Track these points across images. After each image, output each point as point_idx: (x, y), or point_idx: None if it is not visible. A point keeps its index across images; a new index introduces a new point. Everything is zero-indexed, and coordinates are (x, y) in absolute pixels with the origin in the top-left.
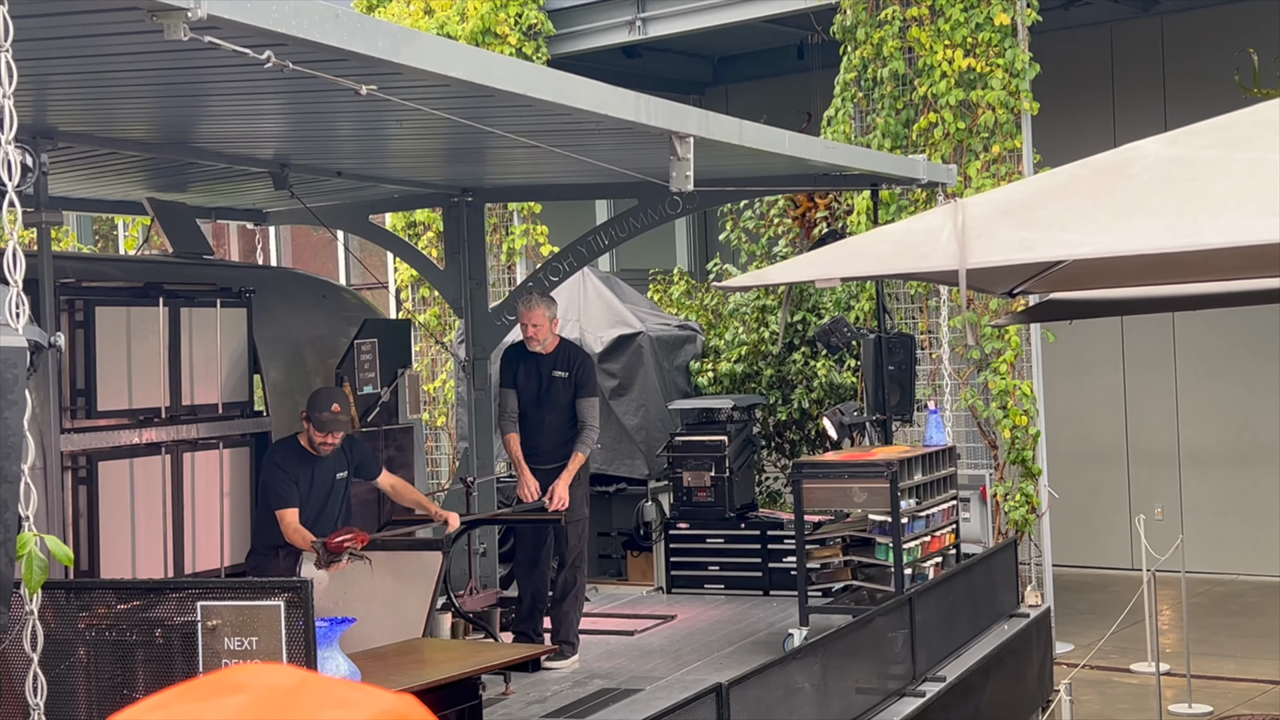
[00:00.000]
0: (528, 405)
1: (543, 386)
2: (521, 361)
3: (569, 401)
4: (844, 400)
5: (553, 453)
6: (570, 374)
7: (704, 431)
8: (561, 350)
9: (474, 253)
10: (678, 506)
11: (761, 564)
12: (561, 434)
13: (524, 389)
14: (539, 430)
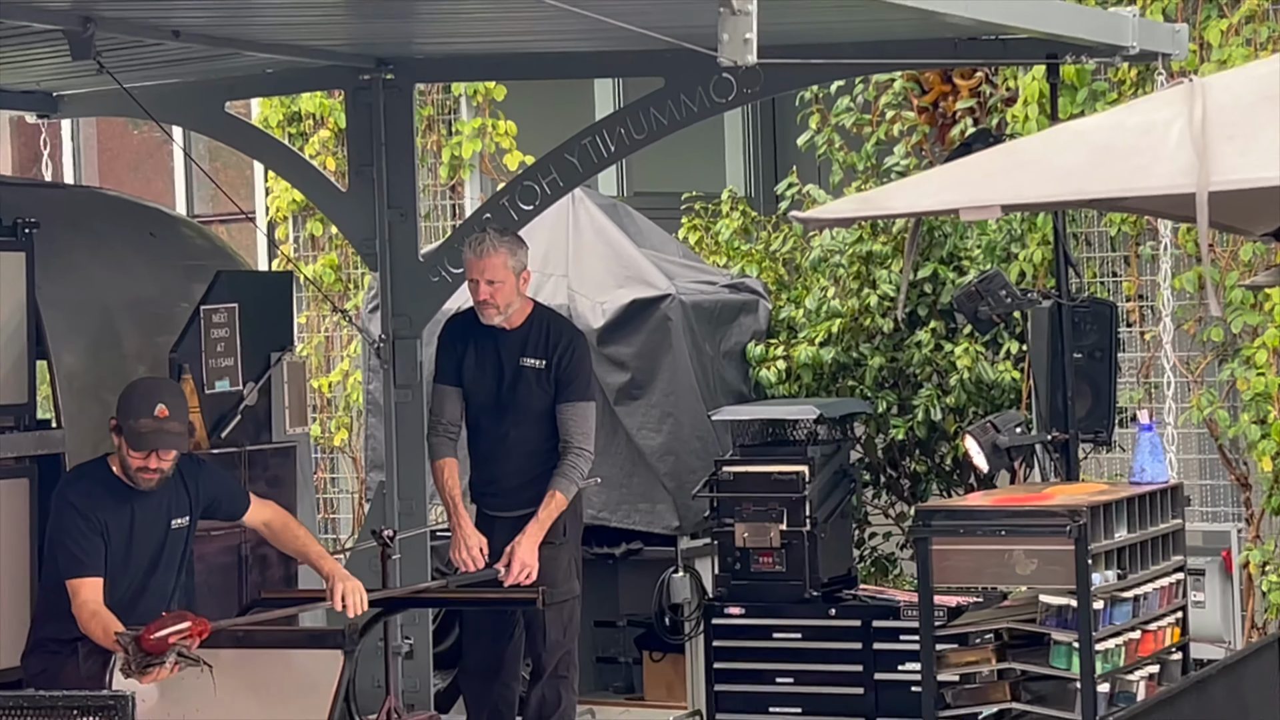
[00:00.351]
0: (480, 412)
1: (504, 382)
2: (472, 341)
3: (547, 407)
4: (1000, 409)
5: (519, 490)
6: (549, 362)
7: (770, 458)
8: (535, 324)
9: (396, 165)
10: (726, 580)
11: (864, 674)
12: (533, 460)
13: (474, 386)
14: (498, 453)
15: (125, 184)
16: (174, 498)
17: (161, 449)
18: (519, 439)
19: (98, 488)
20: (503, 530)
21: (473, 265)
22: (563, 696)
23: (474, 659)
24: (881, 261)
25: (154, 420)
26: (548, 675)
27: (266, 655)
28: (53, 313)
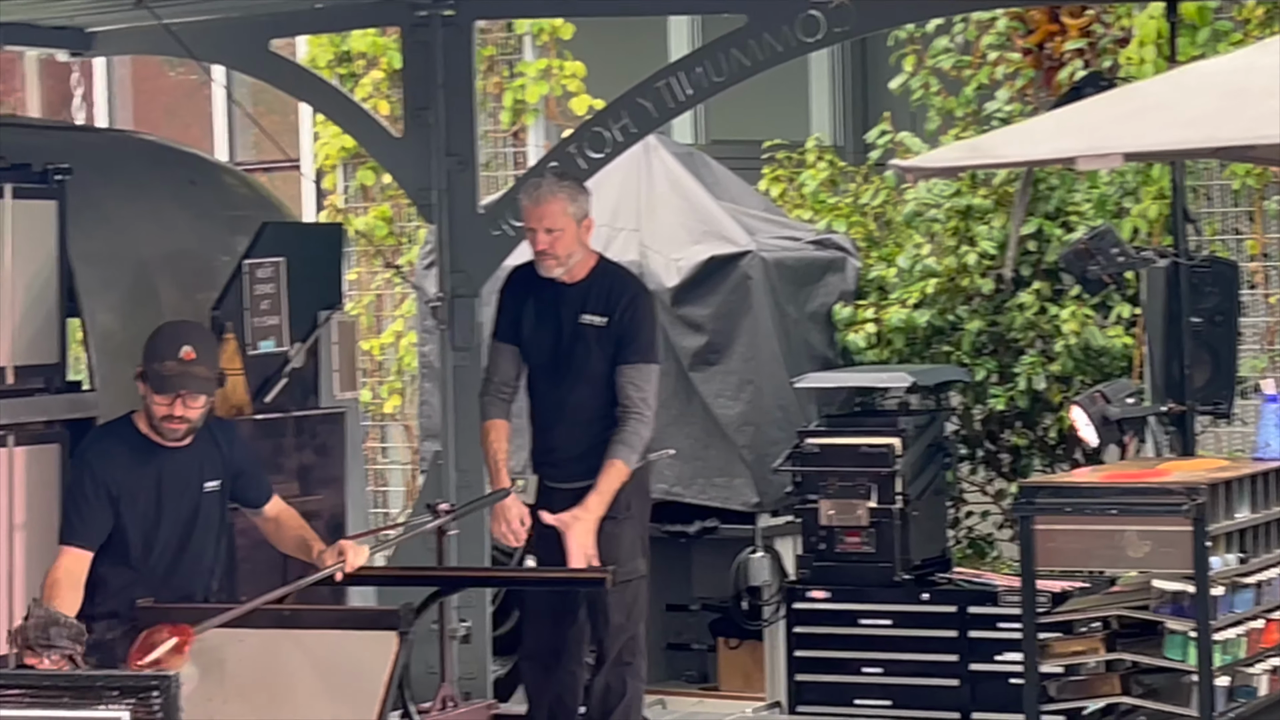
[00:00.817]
0: (538, 374)
1: (563, 340)
2: (532, 296)
3: (607, 369)
4: (1109, 377)
5: (578, 460)
6: (612, 319)
7: (859, 430)
8: (598, 278)
9: (454, 110)
10: (809, 562)
11: (959, 664)
12: (593, 427)
13: (532, 344)
14: (556, 419)
15: (161, 128)
16: (206, 458)
17: (187, 392)
18: (577, 403)
19: (119, 447)
20: (561, 503)
21: (530, 213)
22: (628, 685)
23: (534, 643)
24: (982, 216)
25: (179, 363)
26: (611, 662)
27: (315, 636)
28: (85, 267)
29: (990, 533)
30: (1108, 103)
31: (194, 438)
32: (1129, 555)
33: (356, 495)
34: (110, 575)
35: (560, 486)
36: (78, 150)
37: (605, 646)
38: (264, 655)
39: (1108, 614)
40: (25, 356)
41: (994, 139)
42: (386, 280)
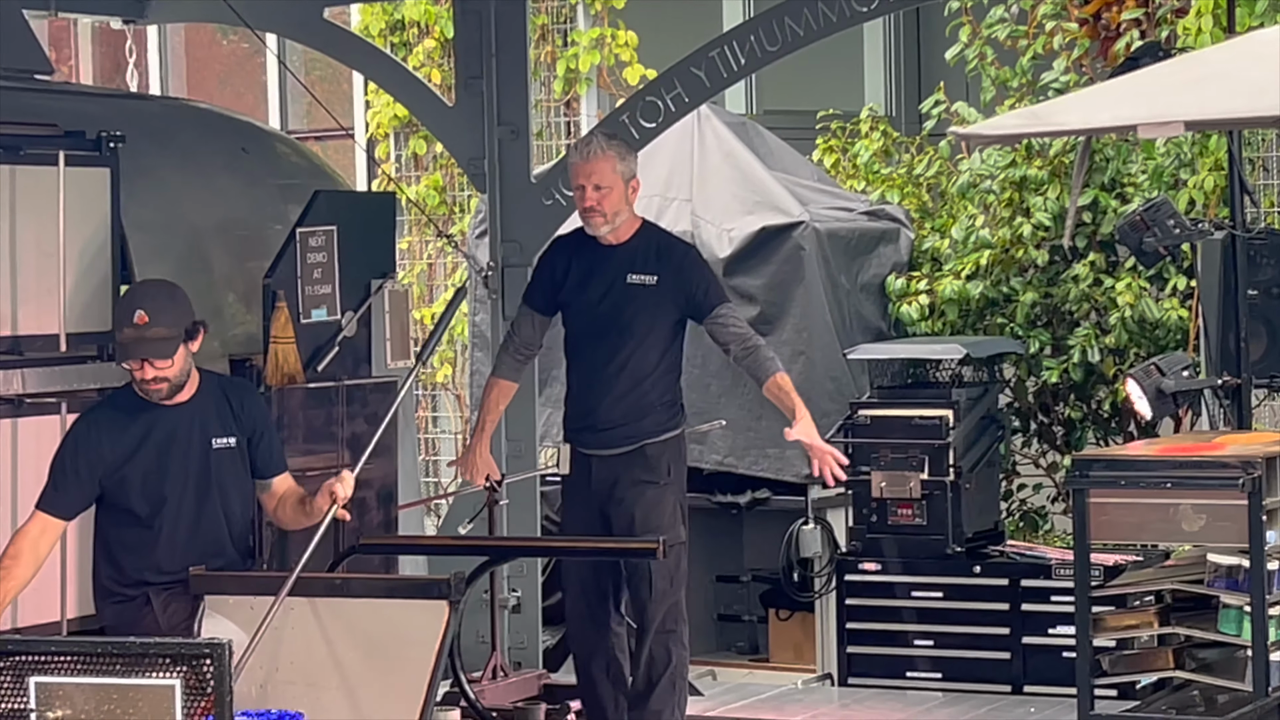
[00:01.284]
0: (582, 336)
1: (610, 300)
2: (574, 260)
3: (656, 328)
4: (1165, 350)
5: (623, 424)
6: (663, 277)
7: (911, 401)
8: (644, 239)
9: (506, 79)
10: (861, 534)
11: (1011, 638)
12: (640, 390)
13: (577, 306)
14: (600, 379)
15: (215, 97)
16: (213, 414)
17: (148, 360)
18: (625, 362)
19: (112, 413)
20: (601, 469)
21: (579, 170)
22: (672, 653)
23: (579, 610)
24: (1037, 187)
25: (134, 328)
26: (655, 630)
27: (366, 605)
28: (138, 234)
29: (1043, 506)
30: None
31: (197, 394)
32: (1183, 529)
33: (408, 465)
34: (130, 539)
35: (601, 453)
36: (131, 118)
37: (648, 614)
38: (314, 624)
39: (1161, 588)
40: (78, 324)
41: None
42: (438, 249)
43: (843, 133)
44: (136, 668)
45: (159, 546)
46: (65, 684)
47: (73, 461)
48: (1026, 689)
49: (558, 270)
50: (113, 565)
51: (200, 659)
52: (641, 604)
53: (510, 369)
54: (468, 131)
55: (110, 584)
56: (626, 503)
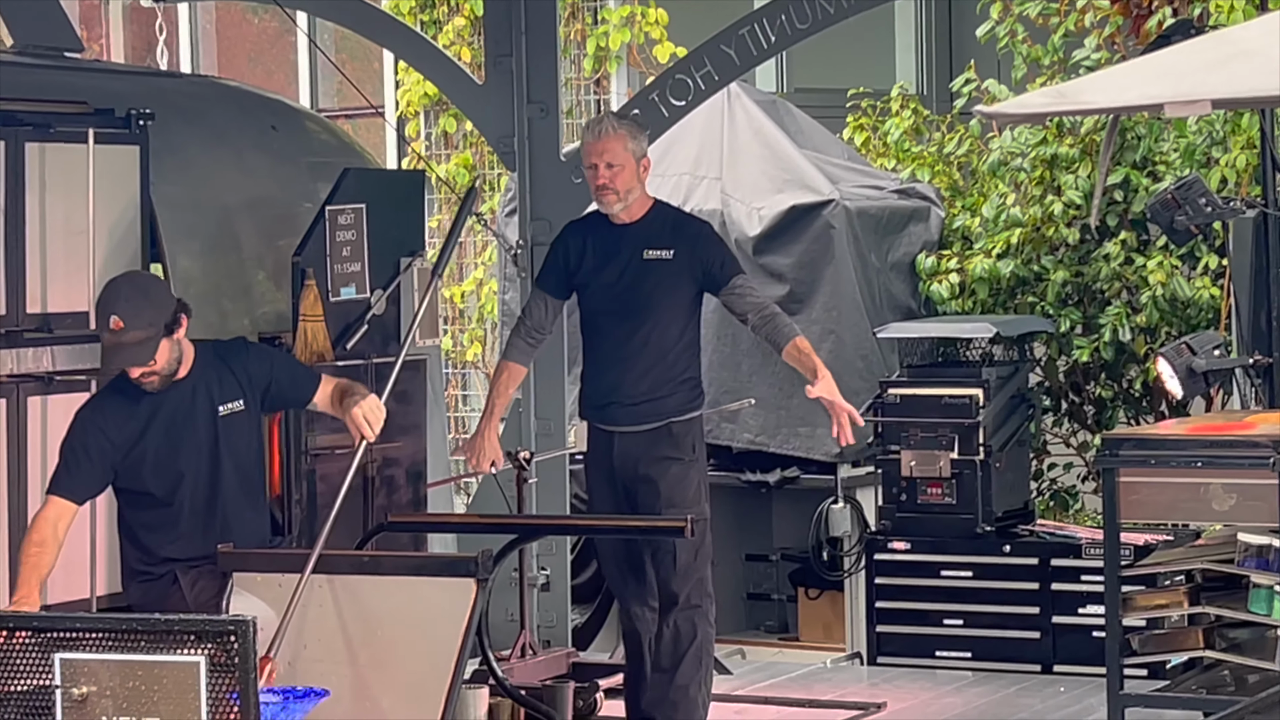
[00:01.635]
0: (600, 314)
1: (627, 277)
2: (588, 241)
3: (675, 303)
4: (1196, 329)
5: (648, 401)
6: (679, 251)
7: (941, 380)
8: (657, 216)
9: (536, 57)
10: (890, 513)
11: (1040, 617)
12: (663, 366)
13: (593, 285)
14: (621, 355)
15: (245, 75)
16: (214, 383)
17: (123, 368)
18: (647, 338)
19: (117, 397)
20: (625, 446)
21: (590, 149)
22: (698, 629)
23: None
24: (1068, 165)
25: (111, 334)
26: (680, 606)
27: (393, 583)
28: (168, 212)
29: (1074, 485)
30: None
31: (195, 366)
32: (1214, 508)
33: (437, 442)
34: (151, 519)
35: (624, 430)
36: (160, 95)
37: (672, 588)
38: (342, 601)
39: (1192, 567)
40: None
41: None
42: (469, 228)
43: (873, 111)
44: (162, 644)
45: (181, 522)
46: (90, 660)
47: (82, 445)
48: (1056, 668)
49: (571, 253)
50: (137, 546)
51: (225, 636)
52: (665, 579)
53: (520, 352)
54: (497, 109)
55: (137, 564)
56: (652, 479)
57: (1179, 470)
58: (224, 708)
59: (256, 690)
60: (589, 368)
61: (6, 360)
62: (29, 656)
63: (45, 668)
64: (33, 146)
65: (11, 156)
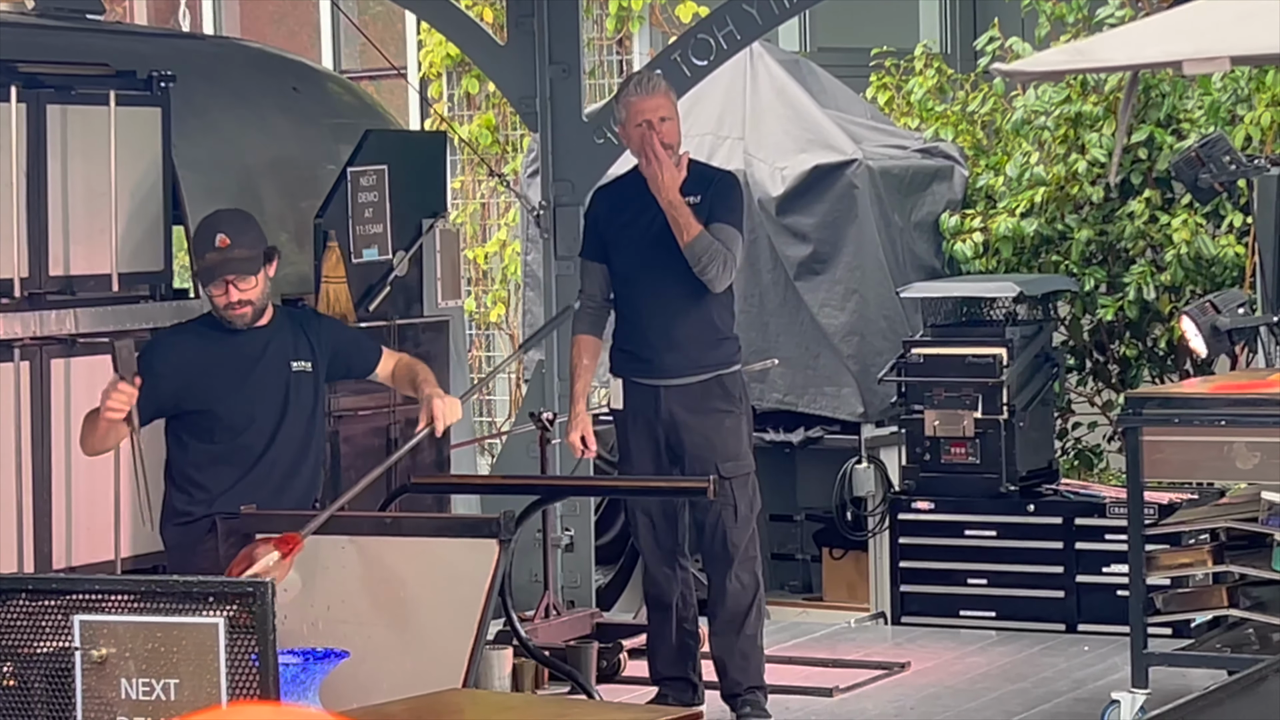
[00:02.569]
0: (639, 266)
1: (659, 229)
2: (618, 197)
3: None
4: (1220, 287)
5: (696, 351)
6: (704, 196)
7: (965, 340)
8: (691, 172)
9: (558, 17)
10: (914, 473)
11: (1065, 576)
12: (706, 316)
13: (627, 238)
14: (659, 308)
15: (268, 37)
16: (292, 337)
17: (230, 276)
18: (688, 290)
19: (187, 336)
20: (674, 399)
21: (642, 105)
22: (759, 580)
23: (652, 543)
24: (1092, 124)
25: (217, 252)
26: (739, 558)
27: (416, 544)
28: (190, 174)
29: (1098, 444)
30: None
31: (274, 318)
32: (1238, 467)
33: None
34: (215, 456)
35: (672, 383)
36: (182, 57)
37: (731, 540)
38: (365, 563)
39: (1215, 526)
40: (130, 264)
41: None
42: (491, 189)
43: (897, 70)
44: (181, 606)
45: (241, 464)
46: (110, 622)
47: (159, 362)
48: (1081, 627)
49: (601, 215)
50: (186, 488)
51: (244, 598)
52: (725, 531)
53: (587, 323)
54: (519, 70)
55: (180, 505)
56: (704, 430)
57: (1203, 429)
58: (243, 669)
59: (276, 652)
60: (626, 325)
61: (30, 323)
62: (49, 619)
63: (65, 630)
64: (54, 109)
65: (33, 119)
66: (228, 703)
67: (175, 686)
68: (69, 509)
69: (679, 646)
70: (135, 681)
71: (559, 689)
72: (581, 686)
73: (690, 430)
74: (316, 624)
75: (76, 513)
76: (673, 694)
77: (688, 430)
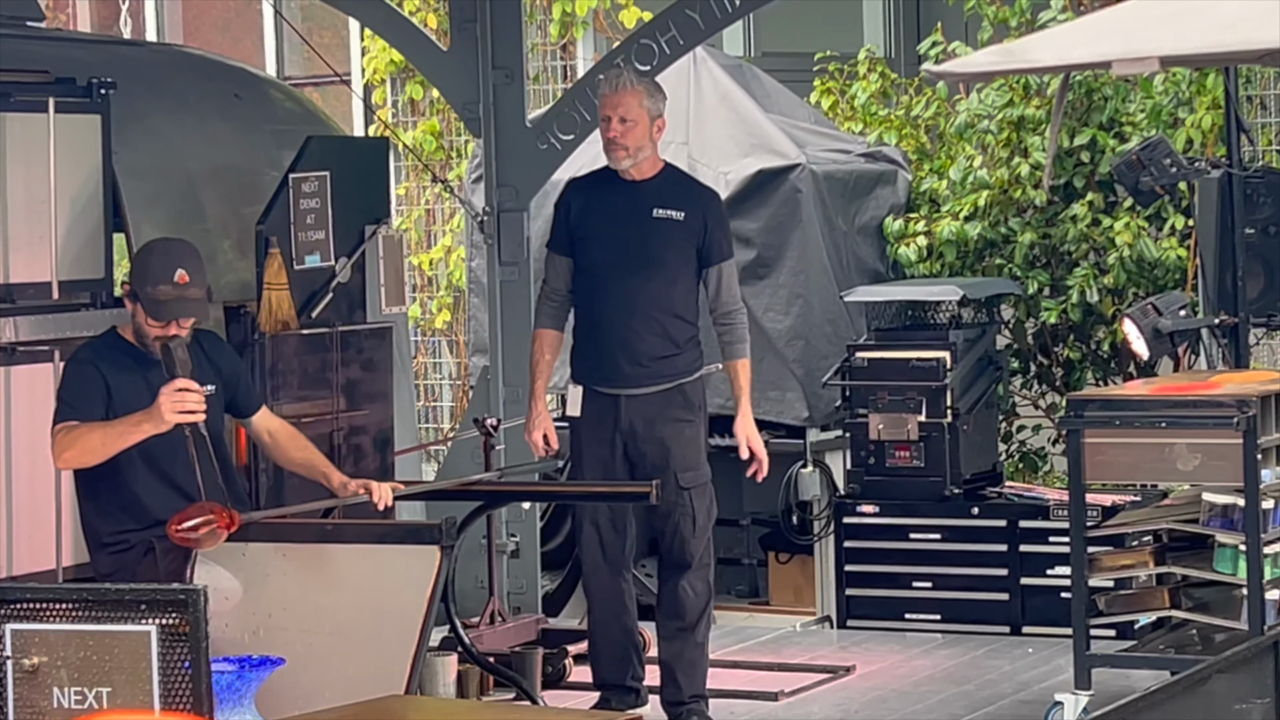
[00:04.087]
0: (603, 269)
1: (635, 234)
2: (596, 198)
3: (681, 262)
4: (1163, 290)
5: (660, 359)
6: (690, 213)
7: (909, 344)
8: (668, 177)
9: (501, 22)
10: (859, 476)
11: (1008, 579)
12: (673, 325)
13: (597, 240)
14: (623, 315)
15: (212, 44)
16: (197, 364)
17: (182, 319)
18: (656, 296)
19: (109, 351)
20: (632, 408)
21: (607, 100)
22: (710, 586)
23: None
24: (1034, 127)
25: (174, 287)
26: (694, 566)
27: (358, 551)
28: (131, 181)
29: (1042, 446)
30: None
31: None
32: (1179, 468)
33: (404, 410)
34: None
35: (633, 392)
36: (122, 64)
37: (689, 549)
38: (307, 570)
39: (1157, 527)
40: (70, 271)
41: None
42: (436, 195)
43: (840, 74)
44: (113, 614)
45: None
46: (41, 630)
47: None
48: (1025, 629)
49: (573, 208)
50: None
51: (178, 605)
52: (683, 541)
53: (549, 317)
54: (462, 76)
55: (110, 540)
56: (664, 441)
57: (1144, 431)
58: (176, 677)
59: (209, 660)
60: (589, 329)
61: None
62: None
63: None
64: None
65: None
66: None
67: (108, 695)
68: (9, 518)
69: (621, 652)
70: (68, 690)
71: (504, 695)
72: (526, 693)
73: (649, 440)
74: (258, 631)
75: (18, 521)
76: (615, 699)
77: (647, 440)
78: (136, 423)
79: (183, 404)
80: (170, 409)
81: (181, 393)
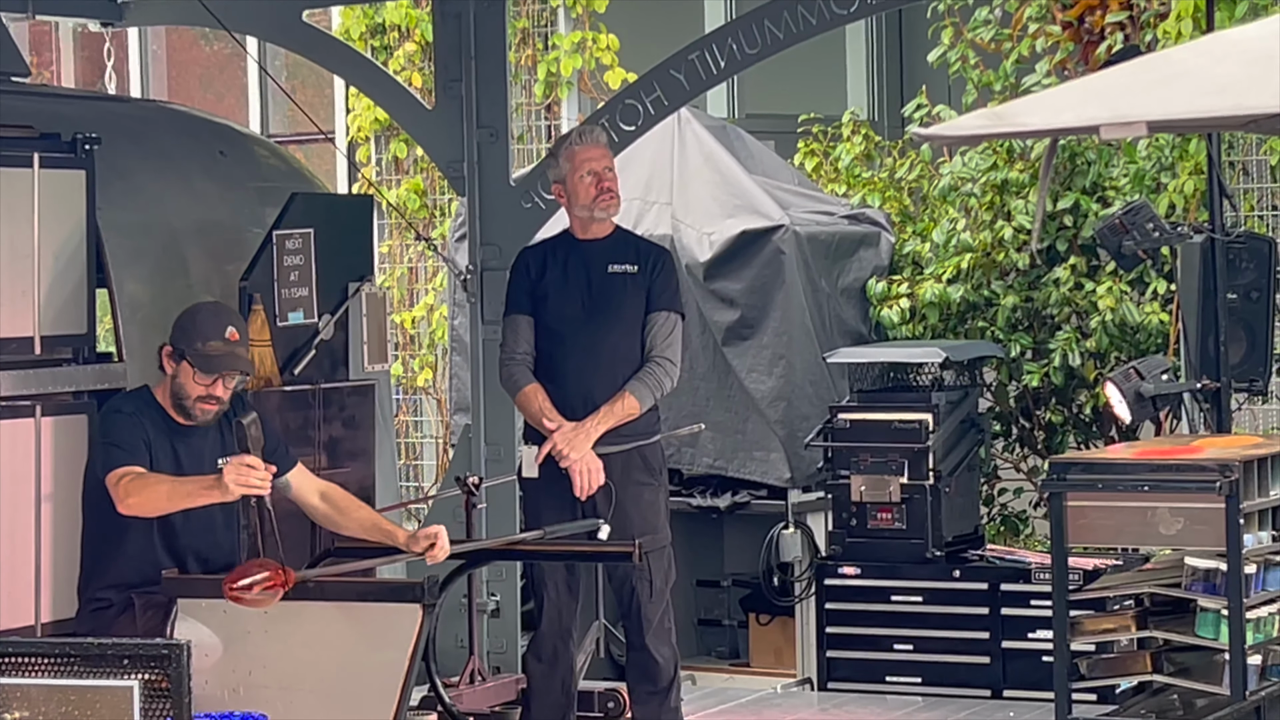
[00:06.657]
0: (564, 325)
1: (594, 289)
2: (550, 260)
3: (639, 315)
4: (1145, 354)
5: None
6: (642, 268)
7: (891, 405)
8: (619, 236)
9: (486, 82)
10: (841, 538)
11: (990, 642)
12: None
13: (558, 298)
14: (586, 367)
15: (196, 101)
16: (222, 437)
17: (228, 373)
18: (615, 349)
19: (148, 409)
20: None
21: (586, 154)
22: (675, 651)
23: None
24: (1018, 190)
25: (225, 343)
26: (654, 629)
27: (339, 608)
28: (114, 237)
29: (1024, 510)
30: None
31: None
32: (1161, 532)
33: (386, 468)
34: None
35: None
36: (107, 120)
37: (645, 614)
38: (288, 627)
39: (1140, 591)
40: (53, 327)
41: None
42: (419, 253)
43: (824, 136)
44: (96, 669)
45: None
46: (23, 685)
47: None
48: (1006, 693)
49: (532, 268)
50: (107, 576)
51: (160, 661)
52: (639, 604)
53: (526, 371)
54: (447, 135)
55: (98, 596)
56: (623, 504)
57: (1126, 494)
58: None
59: (191, 716)
60: (549, 385)
61: None
62: None
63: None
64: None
65: None
66: None
67: None
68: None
69: (558, 707)
70: None
71: None
72: None
73: (607, 503)
74: (238, 689)
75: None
76: None
77: (606, 503)
78: (206, 487)
79: (247, 480)
80: (235, 482)
81: (249, 469)
